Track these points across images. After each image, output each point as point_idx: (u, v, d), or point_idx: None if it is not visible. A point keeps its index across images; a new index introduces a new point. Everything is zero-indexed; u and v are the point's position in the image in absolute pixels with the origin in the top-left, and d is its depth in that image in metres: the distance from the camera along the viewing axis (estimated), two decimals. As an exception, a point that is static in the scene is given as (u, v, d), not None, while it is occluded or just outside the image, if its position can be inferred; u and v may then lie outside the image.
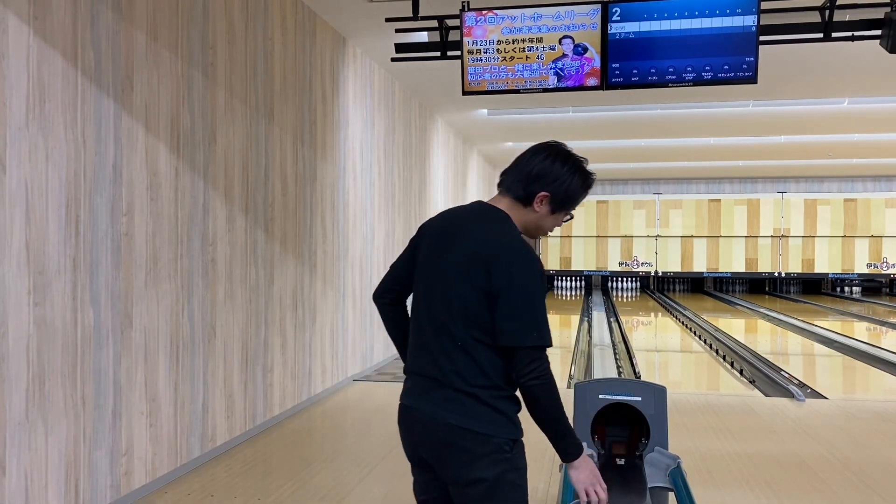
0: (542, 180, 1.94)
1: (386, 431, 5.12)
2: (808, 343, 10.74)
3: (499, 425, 1.91)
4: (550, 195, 1.95)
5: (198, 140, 4.30)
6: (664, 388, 2.80)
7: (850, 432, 5.25)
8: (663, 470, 2.63)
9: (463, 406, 1.90)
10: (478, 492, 1.91)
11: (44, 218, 3.13)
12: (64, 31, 3.23)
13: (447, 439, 1.91)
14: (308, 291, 5.93)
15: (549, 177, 1.94)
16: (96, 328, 3.43)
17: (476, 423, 1.89)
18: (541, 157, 1.96)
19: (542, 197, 1.95)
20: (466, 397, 1.90)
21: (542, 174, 1.94)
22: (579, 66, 5.05)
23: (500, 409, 1.91)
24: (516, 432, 1.94)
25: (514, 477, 1.93)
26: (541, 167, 1.94)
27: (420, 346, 2.01)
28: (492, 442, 1.89)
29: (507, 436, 1.92)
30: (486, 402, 1.90)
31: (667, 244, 19.48)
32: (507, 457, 1.91)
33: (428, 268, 2.02)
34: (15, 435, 2.99)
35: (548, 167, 1.95)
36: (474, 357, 1.90)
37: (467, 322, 1.90)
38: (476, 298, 1.88)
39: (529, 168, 1.95)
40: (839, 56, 7.29)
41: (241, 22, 4.82)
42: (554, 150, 1.98)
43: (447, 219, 2.07)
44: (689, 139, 13.10)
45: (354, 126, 6.99)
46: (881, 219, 18.78)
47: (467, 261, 1.91)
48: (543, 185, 1.94)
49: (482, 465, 1.89)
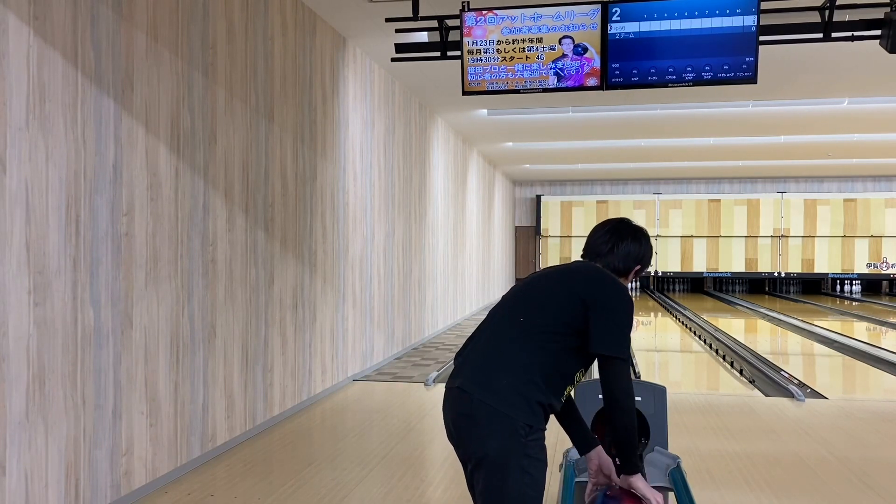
0: (636, 257, 2.34)
1: (386, 431, 5.12)
2: (807, 343, 10.74)
3: (519, 408, 1.99)
4: (641, 267, 2.36)
5: (198, 140, 4.30)
6: (664, 388, 2.80)
7: (849, 432, 5.25)
8: (663, 470, 2.63)
9: (491, 385, 2.03)
10: (486, 470, 1.99)
11: (44, 218, 3.13)
12: (64, 31, 3.23)
13: (466, 410, 2.04)
14: (308, 291, 5.93)
15: (640, 254, 2.35)
16: (96, 328, 3.43)
17: (497, 401, 1.99)
18: (631, 242, 2.34)
19: (636, 270, 2.35)
20: (499, 380, 2.03)
21: (637, 255, 2.34)
22: (579, 66, 5.05)
23: (526, 397, 2.01)
24: (535, 419, 2.01)
25: (526, 464, 1.98)
26: (636, 251, 2.34)
27: (478, 336, 2.22)
28: (507, 422, 1.98)
29: (525, 420, 1.99)
30: (517, 388, 2.02)
31: (667, 244, 19.49)
32: (521, 441, 1.97)
33: (519, 288, 2.32)
34: (15, 435, 2.99)
35: (639, 250, 2.35)
36: (529, 352, 2.07)
37: (545, 318, 2.11)
38: (569, 301, 2.12)
39: (627, 251, 2.32)
40: (839, 56, 7.29)
41: (241, 22, 4.82)
42: (638, 232, 2.38)
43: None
44: (689, 139, 13.10)
45: (354, 126, 7.00)
46: (881, 219, 18.78)
47: (570, 276, 2.24)
48: (637, 261, 2.34)
49: (492, 443, 1.98)
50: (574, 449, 2.69)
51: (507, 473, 1.96)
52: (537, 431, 2.02)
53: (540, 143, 13.75)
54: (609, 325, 2.08)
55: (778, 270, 19.10)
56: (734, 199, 19.39)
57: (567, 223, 20.09)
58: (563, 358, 2.09)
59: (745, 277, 19.71)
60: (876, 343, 10.29)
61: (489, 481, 1.99)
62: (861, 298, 18.40)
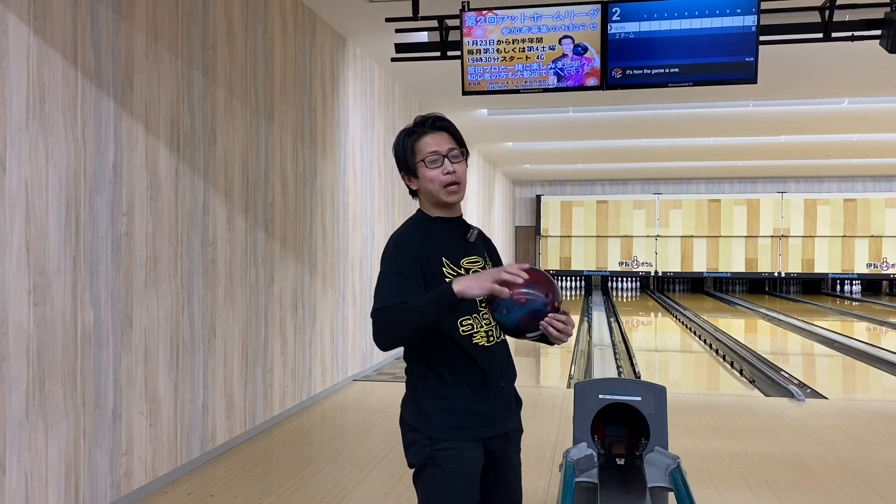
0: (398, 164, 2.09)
1: (386, 431, 5.12)
2: (808, 343, 10.74)
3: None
4: (405, 172, 2.08)
5: (198, 140, 4.30)
6: (664, 388, 2.80)
7: (849, 432, 5.25)
8: (663, 470, 2.63)
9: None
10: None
11: (44, 218, 3.13)
12: (64, 31, 3.23)
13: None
14: (308, 291, 5.93)
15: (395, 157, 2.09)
16: (96, 328, 3.43)
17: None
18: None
19: (404, 176, 2.08)
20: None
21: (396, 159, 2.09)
22: (579, 66, 5.05)
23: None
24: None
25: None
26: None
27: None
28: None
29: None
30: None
31: (667, 244, 19.49)
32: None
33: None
34: (15, 435, 2.99)
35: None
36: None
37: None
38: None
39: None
40: (839, 56, 7.28)
41: (241, 22, 4.82)
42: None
43: None
44: (689, 139, 13.10)
45: (354, 126, 7.00)
46: (881, 219, 18.79)
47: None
48: (399, 167, 2.09)
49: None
50: (574, 449, 2.70)
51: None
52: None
53: (540, 143, 13.75)
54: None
55: (778, 270, 19.10)
56: (734, 199, 19.39)
57: (567, 223, 20.10)
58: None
59: (745, 277, 19.71)
60: (876, 343, 10.29)
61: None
62: (861, 298, 18.40)
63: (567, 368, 7.96)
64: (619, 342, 10.10)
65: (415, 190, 2.05)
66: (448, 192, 1.98)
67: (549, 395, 6.31)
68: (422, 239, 1.96)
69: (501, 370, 1.99)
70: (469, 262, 1.99)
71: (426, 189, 2.00)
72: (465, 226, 2.06)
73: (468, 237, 2.03)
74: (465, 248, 2.01)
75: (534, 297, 1.85)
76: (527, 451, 2.05)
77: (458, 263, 1.96)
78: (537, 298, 1.85)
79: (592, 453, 2.69)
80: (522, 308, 1.85)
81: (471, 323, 1.93)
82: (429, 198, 2.01)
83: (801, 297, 18.33)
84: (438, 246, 1.96)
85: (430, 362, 1.94)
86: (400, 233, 2.01)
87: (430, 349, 1.92)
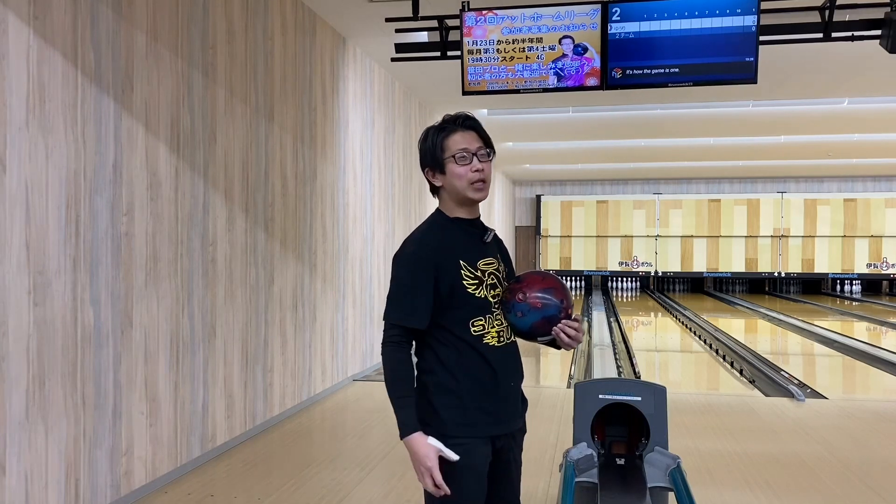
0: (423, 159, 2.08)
1: (386, 431, 5.12)
2: (808, 343, 10.74)
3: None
4: (430, 168, 2.06)
5: (198, 140, 4.30)
6: (664, 388, 2.80)
7: (849, 432, 5.25)
8: (663, 470, 2.63)
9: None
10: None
11: (44, 218, 3.13)
12: (64, 31, 3.23)
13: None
14: (308, 291, 5.93)
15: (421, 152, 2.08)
16: (96, 328, 3.43)
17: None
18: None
19: (428, 171, 2.06)
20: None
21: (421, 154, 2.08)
22: (579, 66, 5.05)
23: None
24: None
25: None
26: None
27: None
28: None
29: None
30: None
31: (667, 244, 19.49)
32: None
33: None
34: (15, 435, 2.99)
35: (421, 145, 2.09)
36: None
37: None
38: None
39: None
40: (839, 56, 7.28)
41: (241, 22, 4.82)
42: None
43: None
44: (689, 139, 13.10)
45: (354, 126, 6.99)
46: (881, 219, 18.79)
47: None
48: (423, 163, 2.07)
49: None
50: (574, 449, 2.70)
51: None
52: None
53: (540, 143, 13.75)
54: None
55: (778, 270, 19.11)
56: (734, 199, 19.39)
57: (567, 223, 20.10)
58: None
59: (745, 277, 19.71)
60: (876, 343, 10.29)
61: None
62: (861, 298, 18.40)
63: (567, 368, 7.95)
64: (619, 342, 10.10)
65: (438, 187, 2.05)
66: (475, 189, 2.01)
67: (549, 395, 6.31)
68: (439, 244, 1.99)
69: (512, 370, 2.01)
70: (485, 263, 2.02)
71: (452, 186, 2.01)
72: (483, 227, 2.09)
73: (485, 238, 2.06)
74: (482, 250, 2.03)
75: (549, 303, 1.92)
76: (527, 451, 2.05)
77: (475, 265, 1.99)
78: (553, 304, 1.93)
79: (592, 453, 2.69)
80: (538, 312, 1.92)
81: (482, 323, 1.96)
82: (453, 195, 2.02)
83: (801, 297, 18.33)
84: (456, 249, 1.98)
85: (441, 359, 1.96)
86: (418, 239, 2.02)
87: (442, 346, 1.96)
